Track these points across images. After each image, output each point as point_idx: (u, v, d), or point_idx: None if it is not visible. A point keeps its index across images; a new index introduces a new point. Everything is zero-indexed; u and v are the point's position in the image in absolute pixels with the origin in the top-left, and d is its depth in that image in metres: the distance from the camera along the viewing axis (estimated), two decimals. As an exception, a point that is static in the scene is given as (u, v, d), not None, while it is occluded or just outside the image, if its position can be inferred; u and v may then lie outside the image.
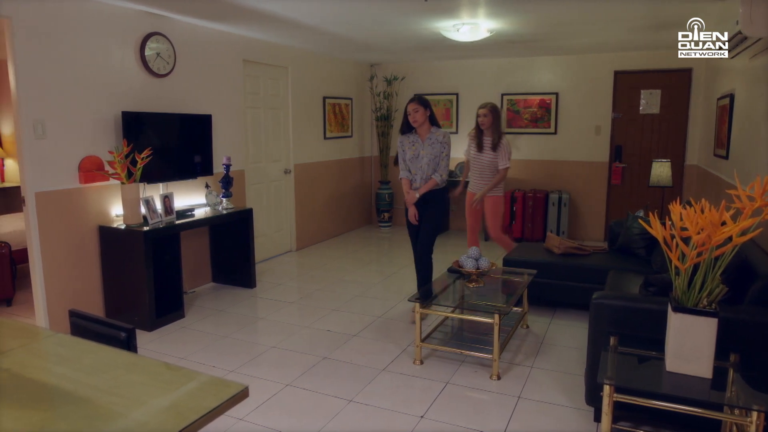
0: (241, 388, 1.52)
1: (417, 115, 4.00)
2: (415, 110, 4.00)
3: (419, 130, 4.09)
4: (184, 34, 4.75)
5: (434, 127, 4.11)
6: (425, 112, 4.02)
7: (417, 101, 4.03)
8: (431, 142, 4.06)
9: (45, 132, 3.72)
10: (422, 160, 4.07)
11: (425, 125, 4.07)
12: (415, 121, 4.01)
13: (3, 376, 1.63)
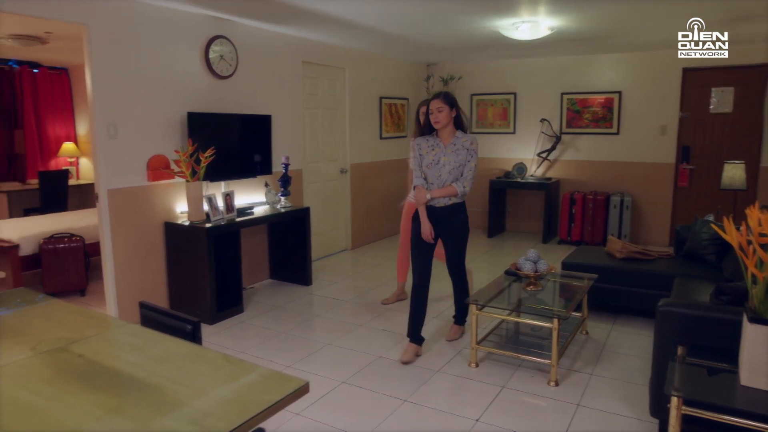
0: (301, 384, 1.54)
1: (440, 116, 3.42)
2: (439, 109, 3.41)
3: (441, 132, 3.50)
4: (246, 36, 4.88)
5: (460, 131, 3.52)
6: (450, 112, 3.44)
7: (442, 98, 3.44)
8: (455, 148, 3.46)
9: (117, 132, 3.91)
10: (443, 168, 3.46)
11: (449, 127, 3.48)
12: (438, 122, 3.43)
13: (81, 362, 1.72)
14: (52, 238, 4.70)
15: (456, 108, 3.48)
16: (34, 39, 5.53)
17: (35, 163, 7.19)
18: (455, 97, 3.52)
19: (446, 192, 3.47)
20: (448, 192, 3.47)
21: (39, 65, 7.23)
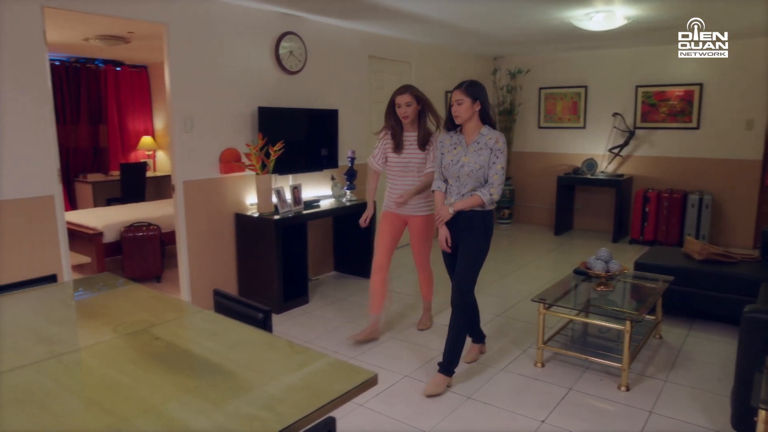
0: (370, 375, 1.55)
1: (460, 109, 2.94)
2: (459, 101, 2.93)
3: (464, 128, 3.03)
4: (314, 32, 4.96)
5: (486, 127, 3.01)
6: (472, 105, 2.92)
7: (463, 89, 2.93)
8: (478, 147, 2.97)
9: (193, 126, 4.08)
10: (462, 169, 2.99)
11: (472, 122, 2.98)
12: (458, 116, 2.96)
13: (161, 345, 1.81)
14: (131, 227, 4.97)
15: (480, 100, 2.96)
16: (118, 39, 5.85)
17: (117, 156, 7.63)
18: (482, 87, 3.00)
19: (471, 203, 2.99)
20: (473, 203, 2.99)
21: (121, 64, 7.64)
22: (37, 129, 3.31)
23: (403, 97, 3.50)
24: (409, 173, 3.65)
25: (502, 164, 2.96)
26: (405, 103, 3.49)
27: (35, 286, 2.43)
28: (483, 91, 3.00)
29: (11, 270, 3.21)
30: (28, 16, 3.21)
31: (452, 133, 3.11)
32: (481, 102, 2.96)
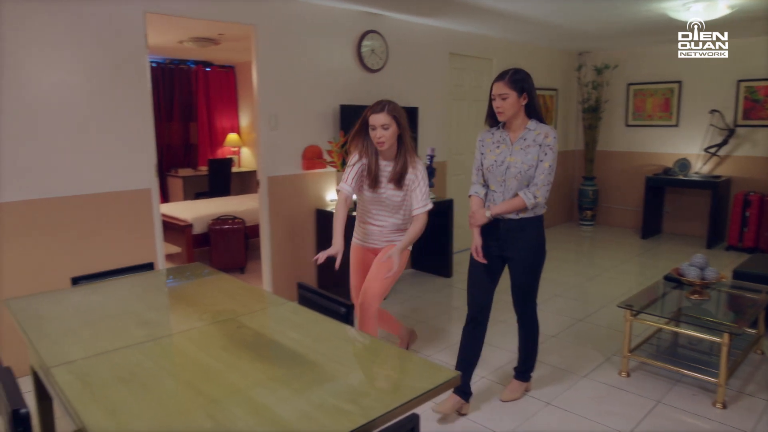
0: (453, 375, 1.54)
1: (505, 104, 2.53)
2: (503, 95, 2.52)
3: (509, 124, 2.63)
4: (395, 30, 4.98)
5: (533, 121, 2.60)
6: (518, 99, 2.52)
7: (507, 80, 2.51)
8: (525, 144, 2.58)
9: (278, 124, 4.21)
10: (508, 170, 2.61)
11: (519, 118, 2.58)
12: (502, 113, 2.56)
13: (249, 334, 1.88)
14: (218, 220, 5.21)
15: (527, 91, 2.54)
16: (209, 41, 6.15)
17: (205, 152, 8.02)
18: (528, 76, 2.55)
19: (512, 206, 2.61)
20: (514, 206, 2.61)
21: (211, 64, 8.02)
22: (138, 127, 3.54)
23: (379, 117, 2.76)
24: (384, 209, 2.98)
25: (550, 162, 2.56)
26: (381, 126, 2.76)
27: (135, 273, 2.60)
28: (530, 80, 2.57)
29: (114, 256, 3.45)
30: (132, 21, 3.44)
31: (494, 130, 2.71)
32: (529, 94, 2.55)
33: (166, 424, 1.35)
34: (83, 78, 3.29)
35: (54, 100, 3.20)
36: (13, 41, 3.03)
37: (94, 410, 1.38)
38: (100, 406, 1.40)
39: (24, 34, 3.06)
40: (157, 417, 1.39)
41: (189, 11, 3.73)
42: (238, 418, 1.34)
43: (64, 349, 1.74)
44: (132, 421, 1.34)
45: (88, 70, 3.30)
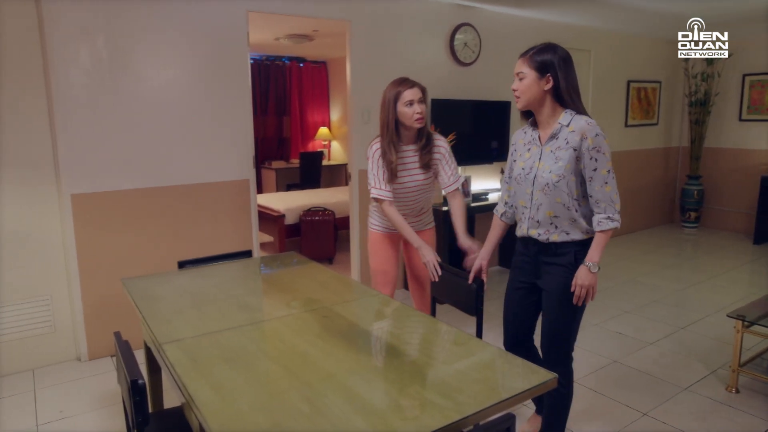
0: (549, 377, 1.49)
1: (521, 86, 2.03)
2: (520, 74, 2.04)
3: (537, 117, 2.08)
4: (489, 22, 4.88)
5: (567, 112, 2.00)
6: (538, 81, 1.99)
7: (528, 56, 2.02)
8: (556, 145, 2.01)
9: (370, 118, 4.26)
10: (537, 181, 2.05)
11: (545, 107, 2.03)
12: (517, 96, 2.07)
13: (343, 323, 1.93)
14: (309, 211, 5.37)
15: (554, 73, 1.96)
16: (303, 37, 6.34)
17: (297, 145, 8.30)
18: (560, 55, 1.98)
19: (602, 245, 2.00)
20: (603, 244, 2.00)
21: (304, 60, 8.27)
22: (238, 120, 3.71)
23: (415, 91, 2.53)
24: (409, 195, 2.71)
25: (607, 167, 1.95)
26: (418, 100, 2.52)
27: (235, 259, 2.74)
28: (563, 60, 1.97)
29: (214, 243, 3.66)
30: (235, 20, 3.61)
31: (527, 127, 2.17)
32: (555, 77, 1.96)
33: (265, 403, 1.41)
34: (190, 75, 3.50)
35: (165, 96, 3.43)
36: (133, 40, 3.28)
37: (201, 385, 1.46)
38: (206, 383, 1.48)
39: (142, 35, 3.30)
40: (257, 396, 1.45)
41: (288, 9, 3.86)
42: (333, 403, 1.37)
43: (174, 328, 1.86)
44: (235, 399, 1.41)
45: (195, 67, 3.51)
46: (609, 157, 1.97)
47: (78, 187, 3.22)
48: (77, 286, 3.30)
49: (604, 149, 1.95)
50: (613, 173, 1.97)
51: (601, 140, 1.95)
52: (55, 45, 3.07)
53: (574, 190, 2.00)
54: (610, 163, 1.97)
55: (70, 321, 3.37)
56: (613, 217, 1.97)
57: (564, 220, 2.03)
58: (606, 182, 1.96)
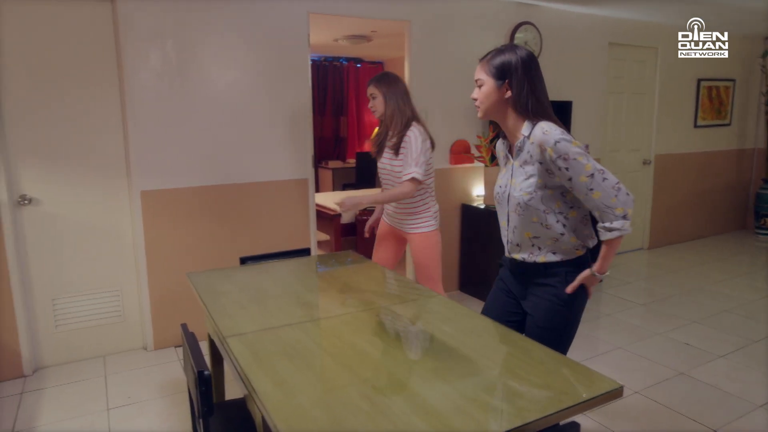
0: (615, 386, 1.44)
1: (481, 96, 1.84)
2: (480, 83, 1.84)
3: (503, 129, 1.90)
4: (550, 20, 4.77)
5: (527, 123, 1.77)
6: (497, 90, 1.79)
7: (484, 63, 1.83)
8: (523, 159, 1.80)
9: (427, 118, 4.25)
10: (510, 199, 1.87)
11: (508, 119, 1.83)
12: (477, 105, 1.88)
13: (402, 323, 1.93)
14: (365, 211, 5.40)
15: (513, 82, 1.76)
16: (361, 38, 6.39)
17: (353, 145, 8.38)
18: (523, 59, 1.76)
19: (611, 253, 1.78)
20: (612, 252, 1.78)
21: (361, 61, 8.34)
22: (299, 121, 3.78)
23: (368, 88, 2.96)
24: (390, 183, 2.96)
25: (585, 173, 1.67)
26: (370, 95, 2.96)
27: (294, 257, 2.79)
28: (522, 63, 1.75)
29: (273, 240, 3.74)
30: (296, 21, 3.68)
31: (503, 140, 1.94)
32: (513, 85, 1.76)
33: (326, 399, 1.42)
34: (253, 76, 3.59)
35: (228, 97, 3.53)
36: (199, 43, 3.40)
37: (264, 379, 1.50)
38: (268, 377, 1.51)
39: (207, 37, 3.42)
40: (317, 392, 1.47)
41: (349, 10, 3.90)
42: (393, 403, 1.37)
43: (236, 322, 1.92)
44: (296, 393, 1.44)
45: (257, 68, 3.60)
46: (586, 159, 1.68)
47: (147, 184, 3.37)
48: (145, 279, 3.45)
49: (573, 154, 1.67)
50: (600, 174, 1.68)
51: (564, 146, 1.67)
52: (128, 48, 3.22)
53: (553, 204, 1.78)
54: (589, 166, 1.67)
55: (138, 312, 3.53)
56: (612, 225, 1.69)
57: (546, 239, 1.82)
58: (591, 188, 1.68)
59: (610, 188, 1.68)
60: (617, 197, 1.68)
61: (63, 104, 3.18)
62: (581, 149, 1.70)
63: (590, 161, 1.69)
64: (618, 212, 1.69)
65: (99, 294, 3.42)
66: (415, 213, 2.93)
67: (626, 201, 1.70)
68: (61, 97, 3.17)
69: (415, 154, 2.74)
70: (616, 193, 1.68)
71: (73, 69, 3.18)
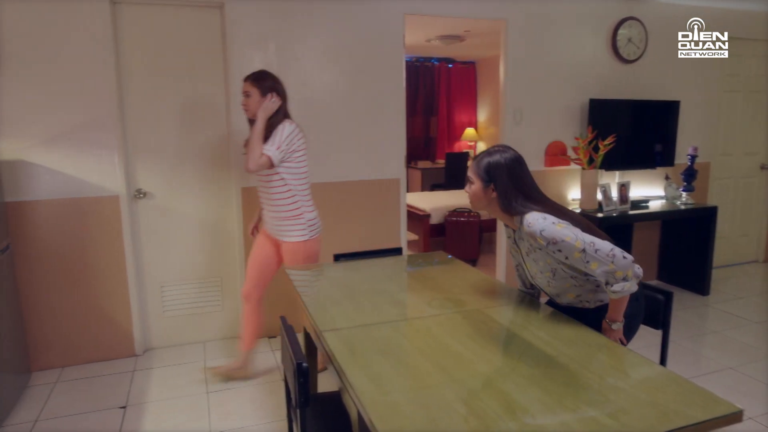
0: (734, 410, 1.32)
1: (471, 194, 1.99)
2: (470, 180, 1.98)
3: (497, 217, 2.04)
4: (658, 15, 4.49)
5: (517, 216, 1.91)
6: (485, 190, 1.92)
7: (473, 164, 1.98)
8: (527, 246, 1.96)
9: (522, 119, 4.15)
10: (535, 280, 2.05)
11: (500, 212, 1.95)
12: (473, 204, 2.03)
13: (496, 327, 1.89)
14: (455, 212, 5.37)
15: (498, 183, 1.89)
16: (454, 38, 6.35)
17: (443, 146, 8.35)
18: (507, 161, 1.90)
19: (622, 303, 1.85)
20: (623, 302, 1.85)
21: (453, 61, 8.29)
22: (392, 121, 3.82)
23: (244, 84, 2.78)
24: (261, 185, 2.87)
25: (577, 249, 1.77)
26: (243, 92, 2.77)
27: (386, 256, 2.82)
28: (506, 169, 1.88)
29: (364, 238, 3.81)
30: (391, 23, 3.71)
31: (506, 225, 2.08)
32: (499, 186, 1.89)
33: (421, 399, 1.42)
34: (348, 77, 3.67)
35: (324, 97, 3.64)
36: (298, 46, 3.52)
37: (359, 375, 1.52)
38: (363, 372, 1.54)
39: (305, 40, 3.54)
40: (412, 391, 1.47)
41: (444, 10, 3.88)
42: (489, 407, 1.35)
43: (331, 317, 1.96)
44: (391, 391, 1.45)
45: (352, 69, 3.67)
46: (574, 237, 1.77)
47: (246, 181, 3.54)
48: (243, 271, 3.63)
49: (560, 237, 1.78)
50: (591, 247, 1.76)
51: (549, 233, 1.79)
52: (234, 51, 3.40)
53: (575, 271, 1.89)
54: (579, 242, 1.76)
55: (236, 302, 3.72)
56: (614, 288, 1.78)
57: (587, 292, 1.95)
58: (587, 261, 1.77)
59: (605, 257, 1.76)
60: (614, 263, 1.76)
61: (174, 105, 3.41)
62: (566, 227, 1.79)
63: (578, 237, 1.78)
64: (618, 276, 1.76)
65: (202, 283, 3.64)
66: (286, 219, 2.80)
67: (624, 264, 1.76)
68: (172, 97, 3.41)
69: (278, 140, 2.66)
70: (611, 259, 1.76)
71: (184, 71, 3.41)
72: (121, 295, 3.41)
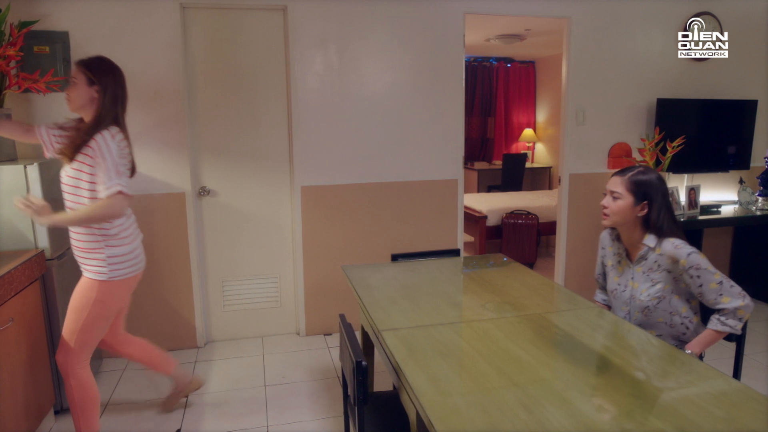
0: (819, 429, 1.24)
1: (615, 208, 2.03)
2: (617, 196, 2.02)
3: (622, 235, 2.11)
4: (734, 10, 4.25)
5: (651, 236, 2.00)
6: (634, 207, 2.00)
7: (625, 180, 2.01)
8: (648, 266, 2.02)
9: (585, 119, 4.03)
10: (633, 301, 2.06)
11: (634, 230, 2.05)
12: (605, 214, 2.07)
13: (558, 332, 1.84)
14: (512, 214, 5.28)
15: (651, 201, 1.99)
16: (514, 37, 6.24)
17: (500, 147, 8.22)
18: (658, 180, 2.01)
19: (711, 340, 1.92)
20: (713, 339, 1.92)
21: (512, 60, 8.14)
22: (450, 121, 3.79)
23: (71, 69, 2.25)
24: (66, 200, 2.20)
25: (715, 280, 1.87)
26: (71, 80, 2.20)
27: (444, 257, 2.80)
28: (661, 190, 1.97)
29: (421, 238, 3.80)
30: (452, 23, 3.69)
31: (613, 235, 2.17)
32: (651, 204, 1.96)
33: (481, 402, 1.40)
34: (407, 77, 3.67)
35: (384, 97, 3.65)
36: (358, 46, 3.55)
37: (418, 375, 1.52)
38: (422, 372, 1.53)
39: (366, 41, 3.56)
40: (472, 393, 1.45)
41: (506, 9, 3.82)
42: (551, 415, 1.31)
43: (390, 316, 1.97)
44: (450, 392, 1.44)
45: (412, 70, 3.67)
46: (714, 269, 1.89)
47: (306, 180, 3.60)
48: (301, 269, 3.70)
49: (704, 265, 1.89)
50: (727, 281, 1.87)
51: (695, 258, 1.90)
52: (296, 53, 3.47)
53: (680, 308, 1.99)
54: (718, 274, 1.88)
55: (293, 299, 3.79)
56: (727, 322, 1.87)
57: (667, 337, 2.03)
58: (720, 294, 1.87)
59: (737, 294, 1.86)
60: (744, 301, 1.86)
61: (238, 106, 3.52)
62: (706, 259, 1.92)
63: (716, 270, 1.89)
64: (740, 314, 1.86)
65: (261, 279, 3.73)
66: (86, 250, 2.19)
67: (748, 306, 1.87)
68: (236, 99, 3.51)
69: (110, 162, 2.05)
70: (742, 299, 1.86)
71: (248, 73, 3.50)
72: (185, 289, 3.54)
